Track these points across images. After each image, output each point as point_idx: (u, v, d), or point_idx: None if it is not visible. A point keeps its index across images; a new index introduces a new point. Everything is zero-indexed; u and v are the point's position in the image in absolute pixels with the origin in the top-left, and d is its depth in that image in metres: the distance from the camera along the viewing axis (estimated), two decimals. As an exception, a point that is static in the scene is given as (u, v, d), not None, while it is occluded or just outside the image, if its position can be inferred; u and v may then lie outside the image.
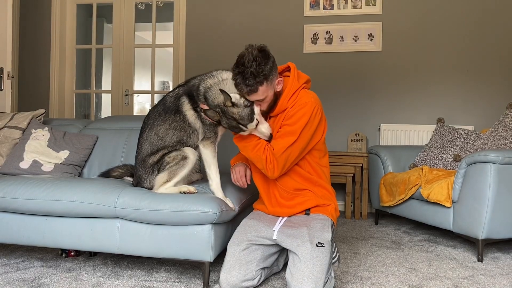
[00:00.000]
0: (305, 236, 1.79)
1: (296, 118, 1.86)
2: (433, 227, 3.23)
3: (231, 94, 1.82)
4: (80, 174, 2.62)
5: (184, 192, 1.97)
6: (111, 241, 1.99)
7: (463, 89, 3.85)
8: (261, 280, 1.92)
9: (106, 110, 6.14)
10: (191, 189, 1.99)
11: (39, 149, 2.52)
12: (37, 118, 2.76)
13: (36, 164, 2.48)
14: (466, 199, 2.50)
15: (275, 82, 1.87)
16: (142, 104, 7.17)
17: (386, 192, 3.18)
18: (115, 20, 4.60)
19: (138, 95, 6.24)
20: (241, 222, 2.01)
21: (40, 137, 2.58)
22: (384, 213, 3.34)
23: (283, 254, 2.11)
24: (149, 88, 4.77)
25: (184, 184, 2.08)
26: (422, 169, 2.94)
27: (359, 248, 2.66)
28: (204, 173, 2.11)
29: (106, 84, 5.96)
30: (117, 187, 2.03)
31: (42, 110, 2.83)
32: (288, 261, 1.81)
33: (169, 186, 2.01)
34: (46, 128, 2.64)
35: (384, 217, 3.66)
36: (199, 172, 2.30)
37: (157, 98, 4.62)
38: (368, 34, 3.96)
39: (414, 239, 2.92)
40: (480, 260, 2.43)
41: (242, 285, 1.83)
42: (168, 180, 2.01)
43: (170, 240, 1.92)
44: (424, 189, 2.75)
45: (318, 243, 1.77)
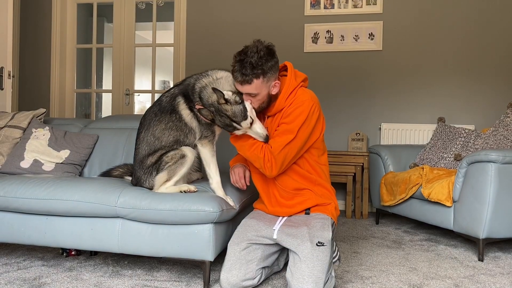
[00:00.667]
0: (305, 236, 1.79)
1: (294, 116, 1.86)
2: (434, 227, 3.23)
3: (224, 92, 1.83)
4: (81, 174, 2.62)
5: (185, 191, 1.97)
6: (112, 241, 1.99)
7: (464, 89, 3.85)
8: (262, 280, 1.92)
9: (107, 110, 6.15)
10: (191, 188, 1.99)
11: (40, 149, 2.52)
12: (38, 118, 2.77)
13: (37, 164, 2.48)
14: (467, 199, 2.50)
15: (272, 83, 1.87)
16: (143, 104, 7.18)
17: (387, 192, 3.18)
18: (116, 20, 4.60)
19: (139, 95, 6.24)
20: (241, 222, 2.01)
21: (41, 137, 2.58)
22: (385, 213, 3.34)
23: (284, 254, 2.11)
24: (150, 88, 4.77)
25: (184, 183, 2.08)
26: (423, 169, 2.94)
27: (360, 248, 2.66)
28: (204, 173, 2.11)
29: (107, 84, 5.96)
30: (118, 187, 2.03)
31: (43, 110, 2.83)
32: (289, 261, 1.81)
33: (169, 186, 2.01)
34: (47, 128, 2.64)
35: (385, 217, 3.66)
36: (199, 171, 2.30)
37: (158, 98, 4.62)
38: (369, 34, 3.96)
39: (415, 239, 2.92)
40: (481, 260, 2.43)
41: (243, 285, 1.83)
42: (168, 180, 2.01)
43: (171, 240, 1.92)
44: (425, 189, 2.75)
45: (319, 242, 1.77)
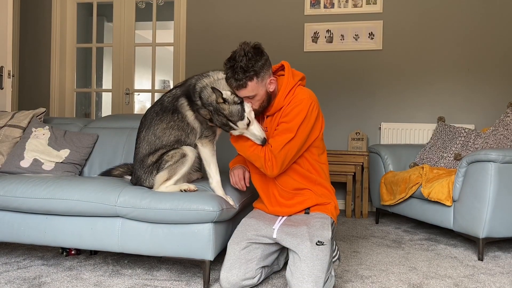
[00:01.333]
0: (305, 235, 1.79)
1: (293, 115, 1.86)
2: (434, 226, 3.23)
3: (223, 91, 1.83)
4: (81, 173, 2.62)
5: (185, 190, 1.97)
6: (112, 240, 1.99)
7: (464, 88, 3.85)
8: (262, 279, 1.92)
9: (107, 109, 6.15)
10: (192, 187, 1.99)
11: (40, 148, 2.52)
12: (38, 117, 2.77)
13: (37, 163, 2.48)
14: (467, 198, 2.50)
15: (267, 81, 1.86)
16: (143, 103, 7.18)
17: (387, 191, 3.18)
18: (116, 19, 4.60)
19: (139, 94, 6.24)
20: (241, 221, 2.01)
21: (41, 136, 2.58)
22: (385, 212, 3.34)
23: (284, 253, 2.11)
24: (150, 87, 4.77)
25: (184, 183, 2.08)
26: (423, 168, 2.94)
27: (360, 247, 2.66)
28: (204, 172, 2.11)
29: (107, 83, 5.96)
30: (118, 186, 2.03)
31: (43, 109, 2.83)
32: (288, 260, 1.81)
33: (170, 185, 2.01)
34: (47, 127, 2.64)
35: (385, 216, 3.66)
36: (199, 171, 2.31)
37: (158, 97, 4.61)
38: (369, 33, 3.96)
39: (415, 238, 2.92)
40: (481, 259, 2.43)
41: (242, 284, 1.83)
42: (168, 179, 2.01)
43: (171, 239, 1.92)
44: (425, 188, 2.75)
45: (318, 242, 1.77)
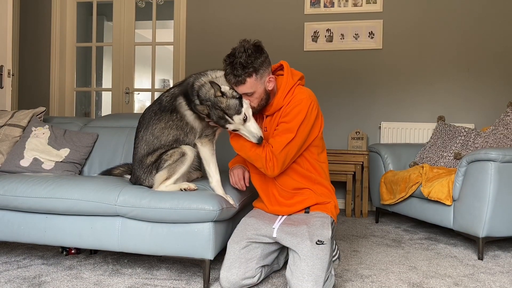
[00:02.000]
0: (305, 234, 1.79)
1: (293, 115, 1.86)
2: (434, 225, 3.23)
3: (222, 86, 1.83)
4: (81, 172, 2.62)
5: (185, 189, 1.97)
6: (112, 239, 1.99)
7: (464, 87, 3.85)
8: (261, 278, 1.92)
9: (107, 108, 6.15)
10: (191, 186, 1.99)
11: (40, 147, 2.52)
12: (38, 116, 2.76)
13: (37, 162, 2.48)
14: (467, 197, 2.50)
15: (266, 79, 1.86)
16: (143, 102, 7.18)
17: (387, 190, 3.18)
18: (116, 18, 4.60)
19: (139, 93, 6.24)
20: (241, 220, 2.01)
21: (41, 135, 2.58)
22: (385, 211, 3.34)
23: (284, 252, 2.11)
24: (150, 86, 4.77)
25: (184, 182, 2.07)
26: (423, 167, 2.94)
27: (360, 246, 2.66)
28: (204, 171, 2.11)
29: (107, 82, 5.96)
30: (118, 185, 2.03)
31: (43, 108, 2.83)
32: (288, 260, 1.81)
33: (169, 184, 2.01)
34: (47, 126, 2.64)
35: (385, 215, 3.66)
36: (199, 170, 2.30)
37: (158, 96, 4.62)
38: (369, 32, 3.96)
39: (415, 237, 2.92)
40: (481, 258, 2.43)
41: (242, 283, 1.83)
42: (168, 178, 2.00)
43: (171, 238, 1.92)
44: (425, 187, 2.75)
45: (318, 241, 1.77)
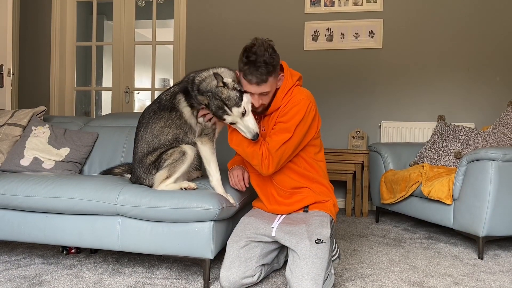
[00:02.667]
0: (304, 233, 1.79)
1: (291, 115, 1.86)
2: (434, 225, 3.23)
3: (224, 78, 1.84)
4: (81, 172, 2.62)
5: (185, 188, 1.97)
6: (112, 238, 1.99)
7: (464, 86, 3.84)
8: (261, 277, 1.92)
9: (107, 108, 6.15)
10: (192, 185, 1.99)
11: (40, 146, 2.52)
12: (38, 116, 2.76)
13: (37, 161, 2.48)
14: (467, 197, 2.50)
15: (278, 77, 1.90)
16: (143, 101, 7.18)
17: (387, 190, 3.18)
18: (116, 17, 4.59)
19: (139, 92, 6.23)
20: (240, 220, 2.01)
21: (41, 134, 2.58)
22: (385, 211, 3.34)
23: (284, 251, 2.11)
24: (150, 85, 4.77)
25: (185, 181, 2.07)
26: (423, 167, 2.94)
27: (360, 246, 2.66)
28: (204, 171, 2.10)
29: (107, 81, 5.96)
30: (118, 185, 2.02)
31: (43, 107, 2.83)
32: (288, 259, 1.81)
33: (169, 183, 2.01)
34: (47, 125, 2.64)
35: (385, 215, 3.66)
36: (199, 169, 2.30)
37: (158, 95, 4.63)
38: (369, 31, 3.95)
39: (415, 237, 2.92)
40: (481, 258, 2.43)
41: (242, 282, 1.83)
42: (168, 177, 2.00)
43: (171, 237, 1.92)
44: (425, 187, 2.75)
45: (317, 240, 1.77)
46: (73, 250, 2.39)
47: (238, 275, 1.81)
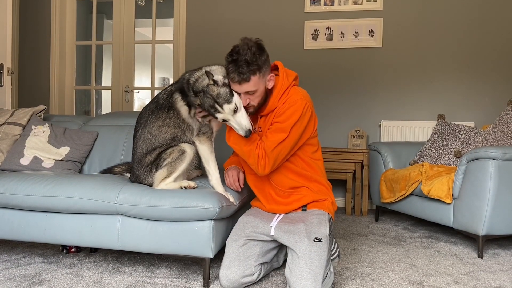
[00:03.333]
0: (302, 232, 1.79)
1: (287, 116, 1.86)
2: (434, 224, 3.24)
3: (215, 75, 1.84)
4: (81, 171, 2.62)
5: (185, 187, 1.97)
6: (112, 237, 1.99)
7: (464, 85, 3.84)
8: (261, 275, 1.92)
9: (107, 107, 6.14)
10: (191, 184, 1.99)
11: (40, 146, 2.52)
12: (38, 115, 2.76)
13: (37, 161, 2.48)
14: (467, 196, 2.50)
15: (267, 78, 1.87)
16: (142, 100, 7.17)
17: (387, 189, 3.18)
18: (115, 16, 4.59)
19: (139, 91, 6.23)
20: (239, 219, 2.01)
21: (41, 134, 2.58)
22: (385, 210, 3.34)
23: (283, 250, 2.11)
24: (150, 84, 4.76)
25: (184, 180, 2.07)
26: (423, 166, 2.94)
27: (359, 244, 2.66)
28: (204, 170, 2.11)
29: (106, 81, 5.96)
30: (118, 184, 2.03)
31: (43, 107, 2.83)
32: (287, 258, 1.81)
33: (169, 182, 2.01)
34: (47, 125, 2.64)
35: (385, 214, 3.66)
36: (199, 169, 2.30)
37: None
38: (369, 30, 3.95)
39: (415, 236, 2.92)
40: (480, 256, 2.43)
41: (242, 281, 1.83)
42: (168, 176, 2.00)
43: (171, 236, 1.92)
44: (425, 186, 2.75)
45: (316, 238, 1.77)
46: (73, 249, 2.39)
47: (238, 274, 1.81)
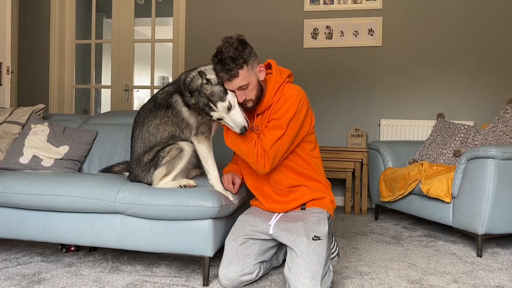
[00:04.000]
0: (301, 231, 1.79)
1: (283, 112, 1.86)
2: (433, 222, 3.24)
3: (208, 74, 1.85)
4: (80, 169, 2.62)
5: (184, 186, 1.97)
6: (111, 236, 1.99)
7: (463, 84, 3.84)
8: (260, 274, 1.92)
9: (106, 105, 6.14)
10: (191, 183, 1.99)
11: (39, 144, 2.52)
12: (37, 113, 2.76)
13: (36, 159, 2.48)
14: (466, 195, 2.50)
15: (257, 69, 1.87)
16: (142, 99, 7.15)
17: (386, 188, 3.19)
18: (115, 15, 4.59)
19: (138, 90, 6.22)
20: (238, 218, 2.01)
21: (40, 132, 2.58)
22: (384, 209, 3.35)
23: (283, 248, 2.11)
24: (149, 83, 4.76)
25: (184, 178, 2.07)
26: (422, 165, 2.94)
27: (359, 243, 2.66)
28: (203, 169, 2.10)
29: (106, 79, 5.94)
30: (117, 182, 2.02)
31: (42, 105, 2.82)
32: (286, 257, 1.82)
33: (168, 180, 2.01)
34: (46, 123, 2.64)
35: (384, 213, 3.66)
36: (198, 168, 2.30)
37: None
38: (369, 29, 3.95)
39: (414, 234, 2.92)
40: (480, 255, 2.44)
41: (241, 280, 1.83)
42: (167, 174, 2.00)
43: (170, 235, 1.92)
44: (424, 185, 2.75)
45: (315, 237, 1.77)
46: (73, 248, 2.39)
47: (237, 273, 1.82)
